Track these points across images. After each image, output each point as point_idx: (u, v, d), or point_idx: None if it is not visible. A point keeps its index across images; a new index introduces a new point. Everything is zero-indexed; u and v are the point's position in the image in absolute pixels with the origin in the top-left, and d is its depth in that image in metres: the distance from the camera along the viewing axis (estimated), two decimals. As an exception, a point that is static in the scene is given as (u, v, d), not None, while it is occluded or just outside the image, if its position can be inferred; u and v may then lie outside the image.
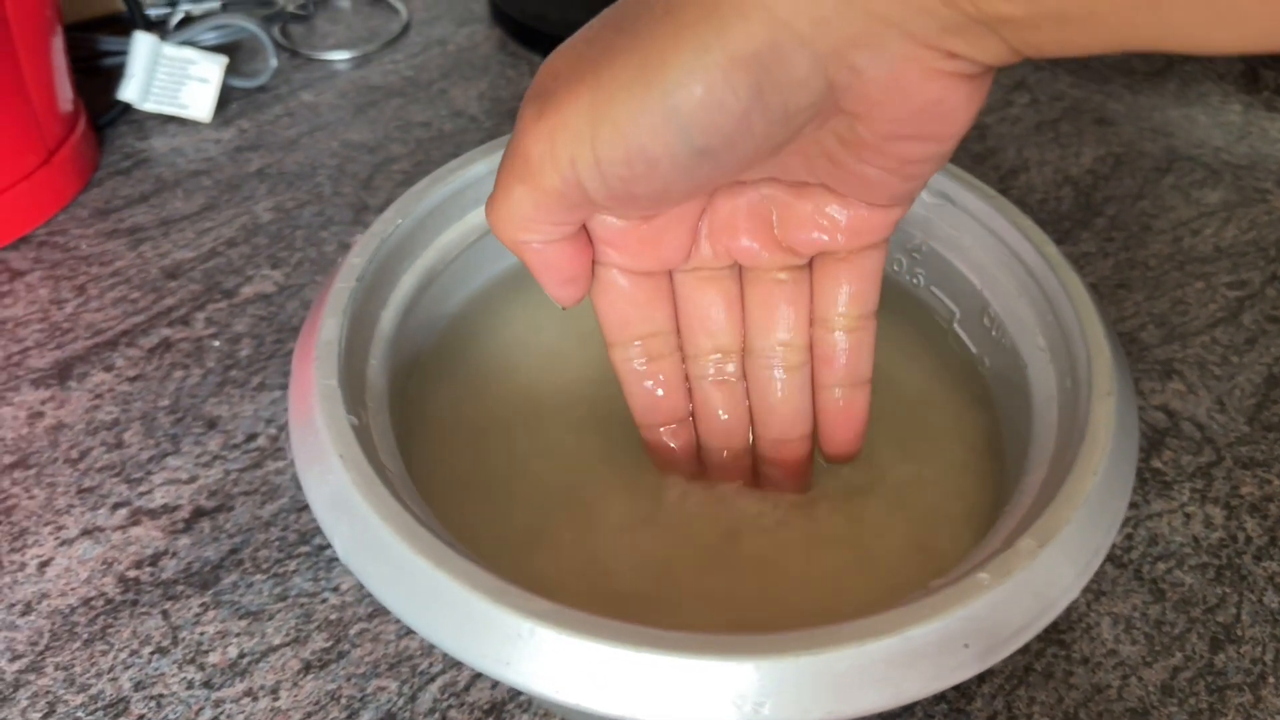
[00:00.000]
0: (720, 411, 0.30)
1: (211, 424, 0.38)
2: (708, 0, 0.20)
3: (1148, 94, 0.56)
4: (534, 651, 0.22)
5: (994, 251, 0.32)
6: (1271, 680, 0.32)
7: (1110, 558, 0.35)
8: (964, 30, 0.19)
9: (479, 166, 0.33)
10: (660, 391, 0.29)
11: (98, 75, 0.53)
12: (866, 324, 0.28)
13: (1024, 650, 0.32)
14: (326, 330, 0.28)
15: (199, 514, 0.35)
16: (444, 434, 0.31)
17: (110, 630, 0.32)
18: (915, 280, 0.35)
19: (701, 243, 0.27)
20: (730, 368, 0.29)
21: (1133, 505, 0.36)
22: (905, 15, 0.19)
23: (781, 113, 0.21)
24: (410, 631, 0.32)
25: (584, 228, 0.26)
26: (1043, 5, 0.18)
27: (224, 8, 0.58)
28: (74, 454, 0.37)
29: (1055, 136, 0.53)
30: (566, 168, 0.22)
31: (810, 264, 0.28)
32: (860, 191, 0.25)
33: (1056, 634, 0.33)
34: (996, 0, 0.18)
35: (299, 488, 0.29)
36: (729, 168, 0.23)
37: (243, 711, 0.31)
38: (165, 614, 0.33)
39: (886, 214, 0.26)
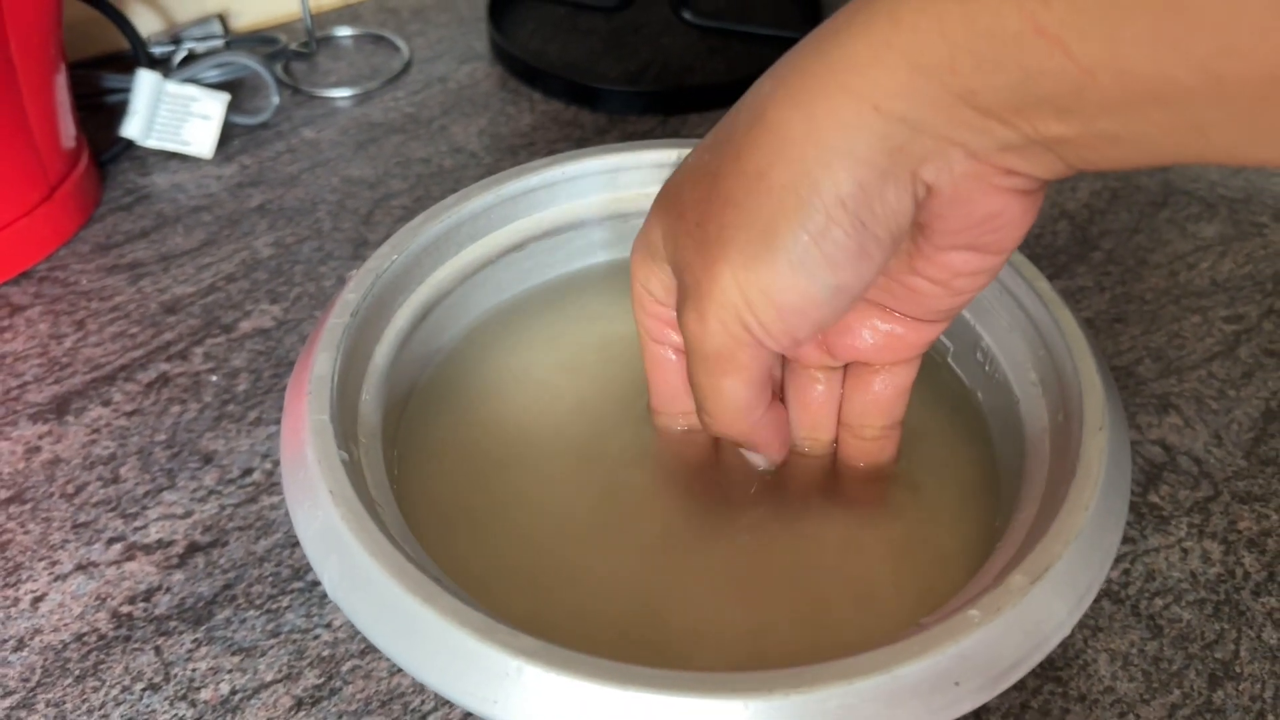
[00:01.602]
0: (739, 465, 0.31)
1: (207, 459, 0.38)
2: (791, 159, 0.22)
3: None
4: (522, 690, 0.22)
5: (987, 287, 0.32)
6: (1271, 718, 0.31)
7: (1107, 593, 0.34)
8: (1022, 149, 0.21)
9: (473, 203, 0.33)
10: (690, 446, 0.32)
11: (101, 112, 0.54)
12: (891, 433, 0.30)
13: (1020, 687, 0.32)
14: (319, 365, 0.28)
15: (193, 549, 0.35)
16: (437, 468, 0.31)
17: (102, 666, 0.32)
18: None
19: None
20: None
21: (1130, 540, 0.36)
22: (968, 135, 0.21)
23: (888, 235, 0.23)
24: (402, 669, 0.32)
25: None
26: (1095, 126, 0.20)
27: (227, 45, 0.59)
28: (70, 489, 0.37)
29: (1051, 171, 0.53)
30: (745, 339, 0.25)
31: (845, 368, 0.30)
32: (907, 305, 0.27)
33: (1053, 670, 0.32)
34: (1051, 122, 0.20)
35: (292, 522, 0.29)
36: (860, 291, 0.25)
37: (233, 749, 0.30)
38: (158, 650, 0.33)
39: (925, 330, 0.28)
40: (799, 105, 0.22)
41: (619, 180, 0.36)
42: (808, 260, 0.23)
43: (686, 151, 0.35)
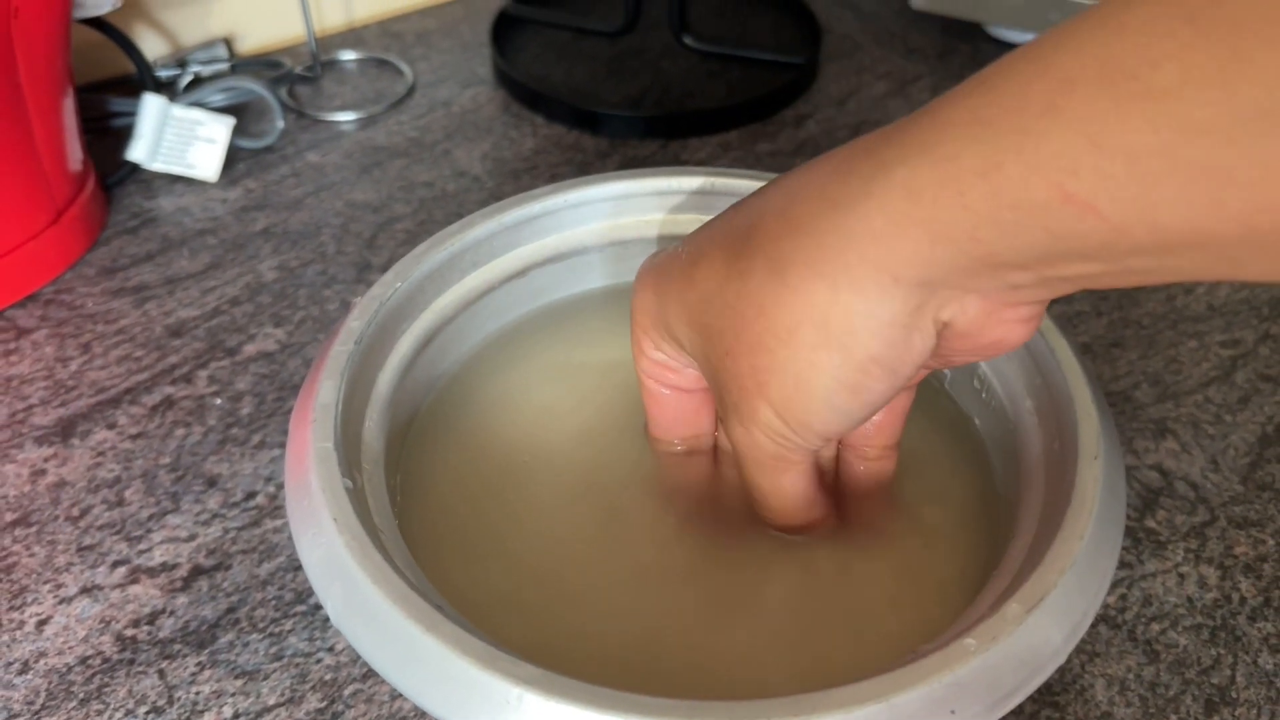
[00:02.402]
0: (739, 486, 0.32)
1: (212, 482, 0.39)
2: (818, 325, 0.24)
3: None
4: (522, 718, 0.22)
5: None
6: (1267, 744, 0.32)
7: (1104, 618, 0.35)
8: (1036, 286, 0.22)
9: (476, 231, 0.34)
10: (689, 467, 0.32)
11: (107, 135, 0.55)
12: (890, 453, 0.31)
13: (1018, 712, 0.32)
14: (324, 393, 0.28)
15: (197, 572, 0.36)
16: (439, 495, 0.32)
17: (106, 690, 0.33)
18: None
19: None
20: None
21: (1127, 565, 0.36)
22: (986, 285, 0.22)
23: (914, 369, 0.25)
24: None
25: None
26: (1122, 264, 0.20)
27: (232, 70, 0.59)
28: (75, 512, 0.38)
29: (1049, 195, 0.54)
30: (793, 446, 0.27)
31: None
32: None
33: (1050, 696, 0.33)
34: (1075, 265, 0.20)
35: (295, 546, 0.30)
36: (889, 401, 0.26)
37: (236, 773, 0.31)
38: (161, 673, 0.33)
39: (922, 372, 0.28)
40: (820, 273, 0.23)
41: (620, 208, 0.36)
42: (842, 404, 0.25)
43: (684, 180, 0.36)
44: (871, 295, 0.23)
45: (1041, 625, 0.24)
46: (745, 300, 0.25)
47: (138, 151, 0.52)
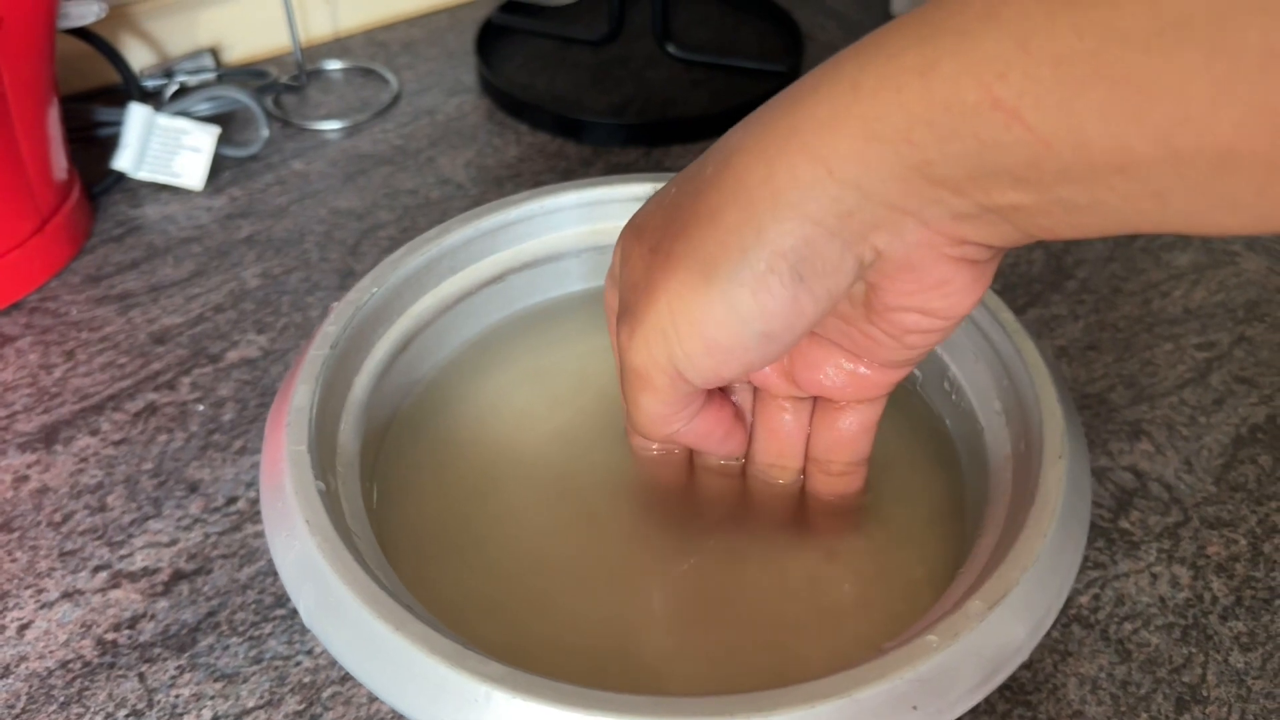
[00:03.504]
0: (712, 489, 0.32)
1: (193, 487, 0.39)
2: (745, 204, 0.23)
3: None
4: (490, 715, 0.23)
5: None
6: (1237, 741, 0.32)
7: (1077, 618, 0.35)
8: (976, 218, 0.22)
9: (453, 237, 0.34)
10: (665, 467, 0.33)
11: (93, 144, 0.55)
12: (856, 469, 0.31)
13: (989, 711, 0.32)
14: (299, 397, 0.29)
15: (178, 577, 0.36)
16: (415, 498, 0.32)
17: (87, 693, 0.33)
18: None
19: None
20: (732, 465, 0.33)
21: (1100, 565, 0.37)
22: (920, 205, 0.22)
23: (825, 293, 0.24)
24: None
25: (711, 391, 0.29)
26: (1053, 194, 0.20)
27: (218, 79, 0.60)
28: (57, 517, 0.38)
29: (1028, 201, 0.54)
30: (666, 365, 0.26)
31: (814, 401, 0.31)
32: (866, 351, 0.27)
33: (1023, 695, 0.33)
34: (1007, 190, 0.20)
35: (271, 552, 0.30)
36: (791, 341, 0.25)
37: (214, 775, 0.31)
38: (141, 677, 0.33)
39: (888, 374, 0.28)
40: (760, 156, 0.23)
41: (596, 213, 0.37)
42: (740, 302, 0.24)
43: (659, 185, 0.36)
44: (804, 182, 0.22)
45: (1004, 622, 0.24)
46: (685, 192, 0.25)
47: (123, 160, 0.52)
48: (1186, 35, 0.17)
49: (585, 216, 0.37)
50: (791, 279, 0.23)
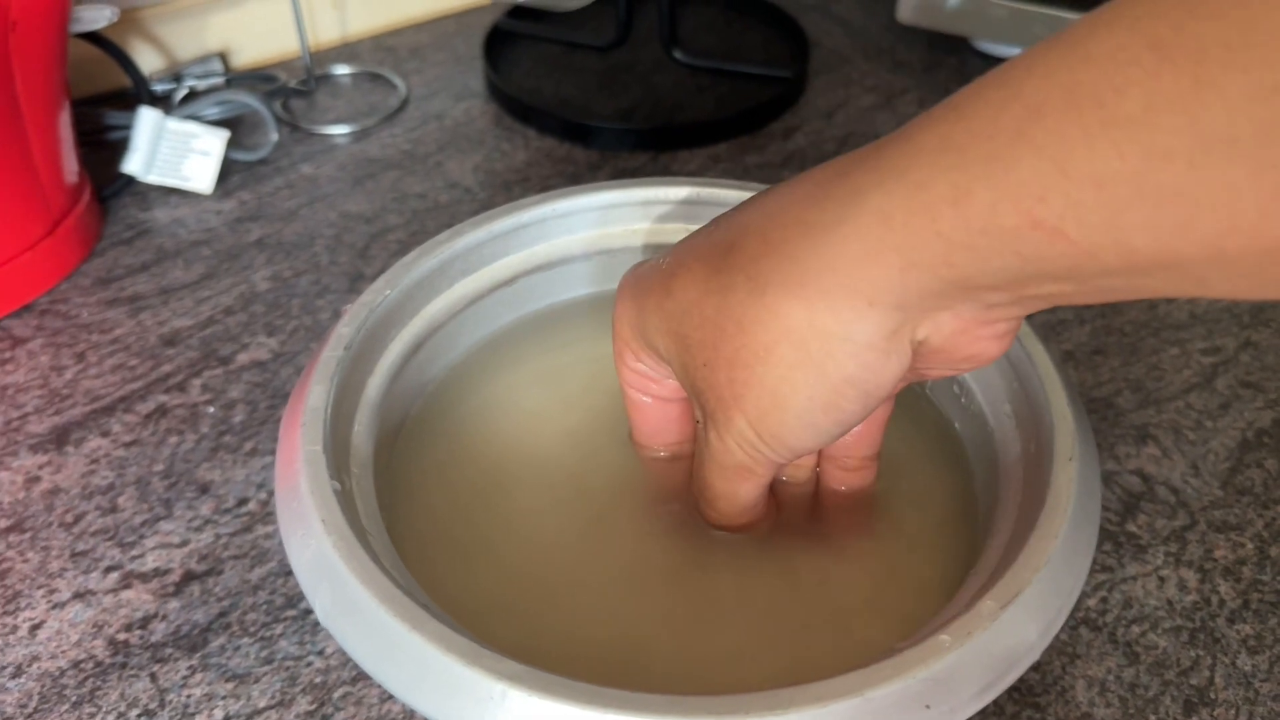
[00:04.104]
0: None
1: (204, 489, 0.39)
2: (797, 344, 0.24)
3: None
4: (506, 713, 0.23)
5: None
6: (1245, 743, 0.32)
7: (1085, 621, 0.35)
8: (1011, 305, 0.22)
9: (465, 240, 0.34)
10: (675, 474, 0.33)
11: (103, 148, 0.55)
12: (869, 464, 0.32)
13: (999, 713, 0.32)
14: (314, 397, 0.29)
15: (189, 577, 0.36)
16: (427, 497, 0.32)
17: (99, 693, 0.33)
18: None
19: None
20: None
21: (1108, 569, 0.37)
22: (960, 306, 0.23)
23: (890, 389, 0.25)
24: (393, 695, 0.32)
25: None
26: (1092, 284, 0.20)
27: (227, 83, 0.60)
28: (69, 518, 0.38)
29: (1034, 206, 0.54)
30: (761, 459, 0.27)
31: None
32: None
33: (1032, 697, 0.33)
34: (1048, 285, 0.21)
35: (285, 552, 0.30)
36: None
37: (226, 774, 0.31)
38: (153, 676, 0.33)
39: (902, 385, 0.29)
40: (798, 295, 0.24)
41: (606, 217, 0.37)
42: (816, 421, 0.25)
43: (670, 190, 0.36)
44: (847, 319, 0.23)
45: (1016, 622, 0.24)
46: (724, 315, 0.25)
47: (133, 164, 0.52)
48: (1233, 151, 0.17)
49: (595, 220, 0.37)
50: (859, 396, 0.25)
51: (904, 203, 0.21)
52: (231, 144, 0.54)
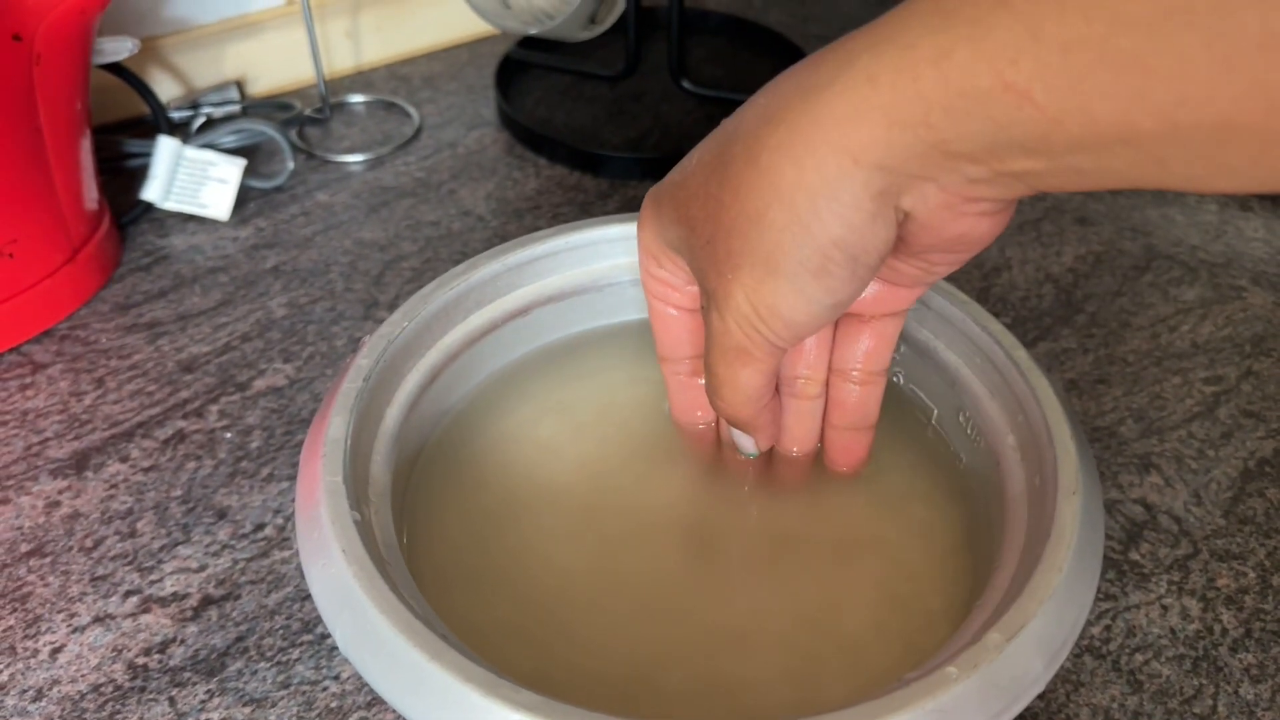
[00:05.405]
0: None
1: (221, 514, 0.40)
2: (786, 205, 0.25)
3: (1127, 194, 0.58)
4: (523, 741, 0.23)
5: (966, 354, 0.34)
6: (1248, 772, 0.32)
7: (1089, 649, 0.36)
8: (990, 181, 0.23)
9: (481, 272, 0.35)
10: (698, 396, 0.35)
11: (122, 175, 0.56)
12: (878, 379, 0.33)
13: (1004, 741, 0.33)
14: (334, 429, 0.30)
15: (207, 602, 0.37)
16: (443, 527, 0.33)
17: (118, 716, 0.33)
18: (897, 378, 0.37)
19: None
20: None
21: (1111, 597, 0.37)
22: (939, 173, 0.23)
23: (877, 259, 0.26)
24: None
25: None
26: (1061, 161, 0.21)
27: (244, 111, 0.61)
28: (89, 543, 0.39)
29: (1037, 236, 0.55)
30: (760, 340, 0.28)
31: (837, 321, 0.32)
32: (892, 276, 0.30)
33: (1037, 725, 0.33)
34: (1020, 159, 0.22)
35: (303, 577, 0.31)
36: (856, 297, 0.28)
37: (244, 798, 0.31)
38: (172, 700, 0.34)
39: (909, 292, 0.30)
40: (788, 155, 0.25)
41: (618, 249, 0.38)
42: (807, 287, 0.26)
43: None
44: (833, 176, 0.24)
45: (1022, 654, 0.25)
46: (724, 187, 0.27)
47: (152, 191, 0.53)
48: (1188, 20, 0.18)
49: (608, 252, 0.38)
50: (846, 261, 0.25)
51: (890, 63, 0.22)
52: (248, 172, 0.55)
